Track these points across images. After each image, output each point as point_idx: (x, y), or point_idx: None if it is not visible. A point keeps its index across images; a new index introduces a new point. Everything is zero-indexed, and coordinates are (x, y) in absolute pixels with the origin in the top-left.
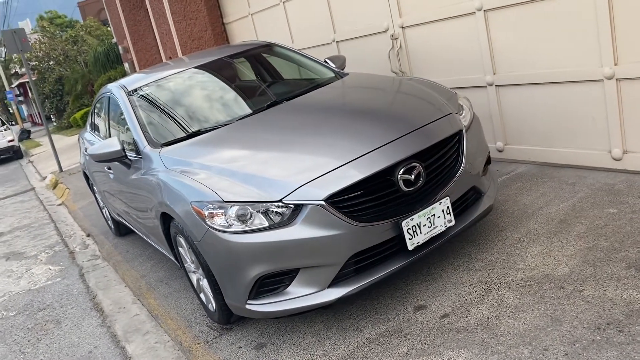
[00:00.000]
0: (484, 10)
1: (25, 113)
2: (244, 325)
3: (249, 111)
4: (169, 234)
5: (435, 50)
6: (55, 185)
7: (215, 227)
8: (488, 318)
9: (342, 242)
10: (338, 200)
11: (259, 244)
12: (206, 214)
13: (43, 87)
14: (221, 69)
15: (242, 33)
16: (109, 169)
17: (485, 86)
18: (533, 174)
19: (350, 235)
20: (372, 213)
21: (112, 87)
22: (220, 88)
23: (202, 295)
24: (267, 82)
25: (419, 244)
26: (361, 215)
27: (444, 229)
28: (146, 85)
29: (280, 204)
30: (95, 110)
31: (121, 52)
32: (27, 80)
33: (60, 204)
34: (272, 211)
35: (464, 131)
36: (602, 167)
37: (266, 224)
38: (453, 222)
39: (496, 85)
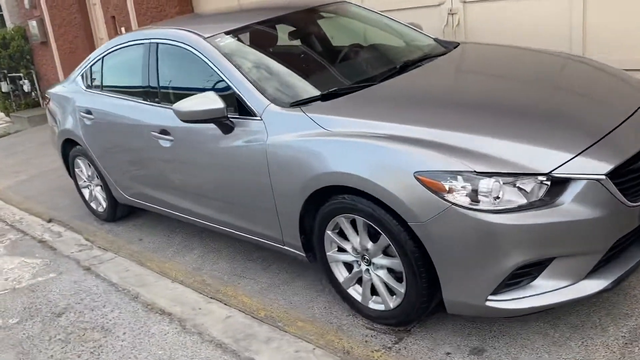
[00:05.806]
0: None
1: None
2: (424, 328)
3: (387, 69)
4: (301, 218)
5: (504, 30)
6: None
7: (460, 204)
8: None
9: (611, 224)
10: (615, 176)
11: (525, 226)
12: (447, 187)
13: None
14: (306, 24)
15: None
16: (164, 133)
17: None
18: None
19: (619, 216)
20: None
21: (172, 33)
22: (322, 44)
23: (351, 291)
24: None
25: None
26: (633, 194)
27: None
28: (232, 32)
29: (543, 178)
30: (107, 64)
31: (27, 6)
32: None
33: None
34: (526, 186)
35: None
36: None
37: (524, 201)
38: None
39: None
